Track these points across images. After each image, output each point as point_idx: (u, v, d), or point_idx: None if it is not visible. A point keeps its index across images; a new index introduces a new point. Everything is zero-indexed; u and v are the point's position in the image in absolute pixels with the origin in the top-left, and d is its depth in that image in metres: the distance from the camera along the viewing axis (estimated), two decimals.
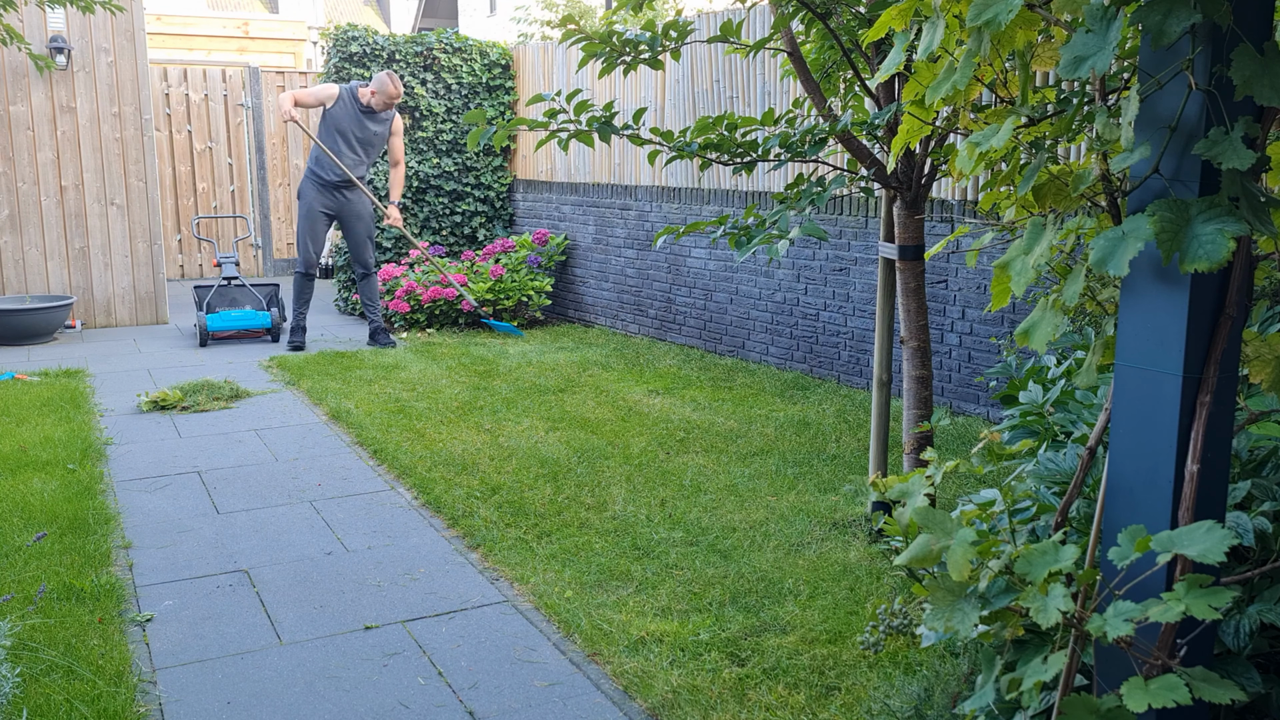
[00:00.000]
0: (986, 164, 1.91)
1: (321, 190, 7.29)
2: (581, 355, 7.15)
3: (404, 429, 5.26)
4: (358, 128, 7.25)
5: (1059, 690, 1.61)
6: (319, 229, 7.38)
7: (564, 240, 8.64)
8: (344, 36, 8.66)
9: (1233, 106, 1.49)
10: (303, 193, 7.36)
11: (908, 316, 3.60)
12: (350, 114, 7.22)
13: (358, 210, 7.38)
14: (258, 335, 7.94)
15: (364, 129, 7.27)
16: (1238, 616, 1.73)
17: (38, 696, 2.70)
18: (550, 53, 8.66)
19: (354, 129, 7.24)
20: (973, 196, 5.35)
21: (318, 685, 2.84)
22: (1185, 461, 1.56)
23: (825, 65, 3.69)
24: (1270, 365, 1.70)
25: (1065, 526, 1.88)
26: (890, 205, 3.73)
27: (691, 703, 2.70)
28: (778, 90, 6.45)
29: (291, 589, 3.46)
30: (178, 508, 4.22)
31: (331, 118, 7.25)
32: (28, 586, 3.39)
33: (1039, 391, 2.34)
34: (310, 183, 7.32)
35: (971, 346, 5.44)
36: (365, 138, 7.30)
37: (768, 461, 4.71)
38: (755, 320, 6.86)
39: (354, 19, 31.23)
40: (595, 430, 5.24)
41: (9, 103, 7.90)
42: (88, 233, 8.25)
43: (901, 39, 1.95)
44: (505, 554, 3.70)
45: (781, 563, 3.58)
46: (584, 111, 3.17)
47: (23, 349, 7.50)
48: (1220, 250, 1.41)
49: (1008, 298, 1.74)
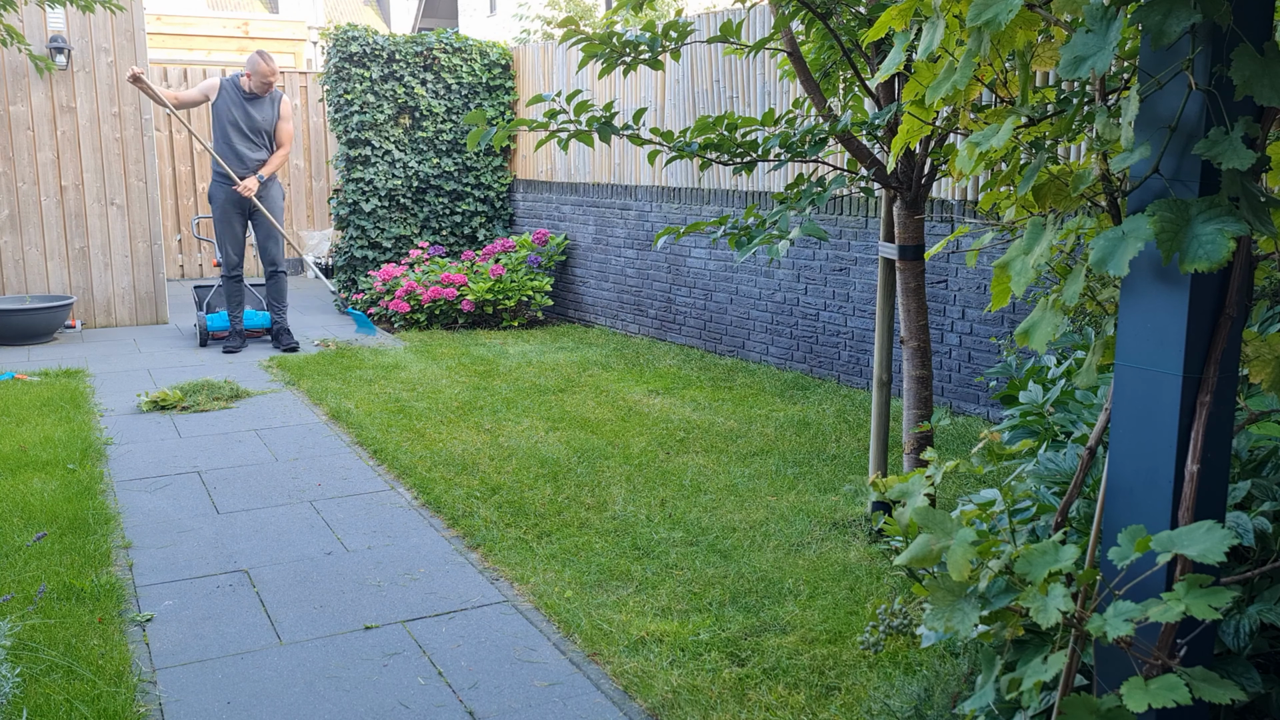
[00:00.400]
0: (986, 164, 1.91)
1: (229, 190, 7.19)
2: (581, 355, 7.15)
3: (404, 429, 5.26)
4: (244, 116, 7.13)
5: (1059, 690, 1.61)
6: (235, 228, 7.29)
7: (564, 240, 8.64)
8: (344, 36, 8.66)
9: (1233, 106, 1.49)
10: (213, 195, 7.25)
11: (908, 316, 3.61)
12: (235, 103, 7.11)
13: (264, 205, 7.26)
14: (258, 335, 7.94)
15: (250, 117, 7.14)
16: (1238, 616, 1.73)
17: (38, 696, 2.70)
18: (550, 53, 8.66)
19: (241, 118, 7.13)
20: (973, 196, 5.35)
21: (318, 685, 2.84)
22: (1185, 461, 1.56)
23: (825, 65, 3.69)
24: (1270, 365, 1.70)
25: (1065, 526, 1.88)
26: (890, 205, 3.73)
27: (691, 703, 2.70)
28: (778, 90, 6.45)
29: (291, 589, 3.46)
30: (178, 508, 4.22)
31: (218, 112, 7.16)
32: (28, 586, 3.39)
33: (1039, 391, 2.34)
34: (217, 184, 7.24)
35: (971, 346, 5.44)
36: (253, 125, 7.17)
37: (768, 461, 4.71)
38: (755, 320, 6.86)
39: (354, 19, 31.24)
40: (595, 430, 5.24)
41: (9, 103, 7.90)
42: (88, 233, 8.25)
43: (901, 39, 1.95)
44: (505, 554, 3.71)
45: (781, 563, 3.59)
46: (584, 112, 3.17)
47: (23, 349, 7.50)
48: (1220, 250, 1.41)
49: (1008, 298, 1.74)
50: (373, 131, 8.76)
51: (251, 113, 7.17)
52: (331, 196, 9.09)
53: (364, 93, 8.69)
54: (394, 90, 8.81)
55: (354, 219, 8.88)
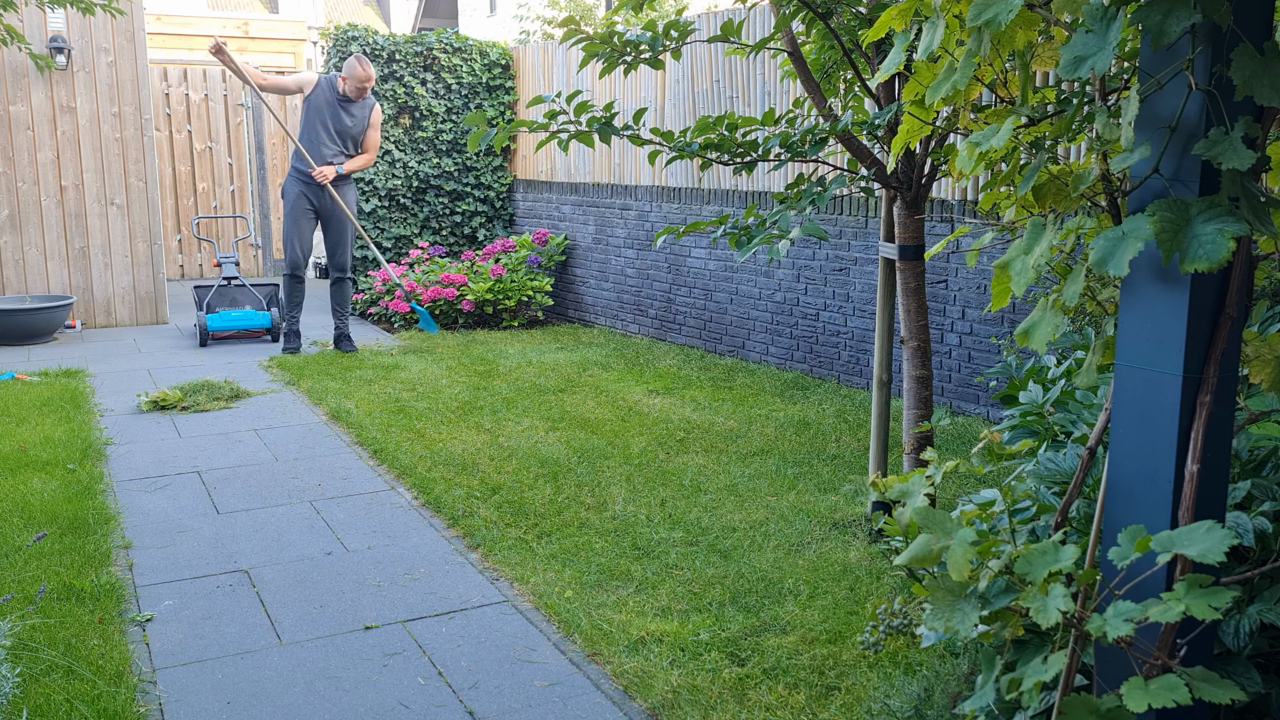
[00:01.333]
0: (986, 164, 1.91)
1: (305, 186, 7.07)
2: (581, 355, 7.15)
3: (404, 429, 5.26)
4: (335, 118, 7.01)
5: (1059, 690, 1.61)
6: (304, 227, 7.12)
7: (564, 240, 8.64)
8: (344, 36, 8.66)
9: (1233, 106, 1.49)
10: (286, 190, 7.13)
11: (908, 316, 3.61)
12: (328, 103, 7.00)
13: (340, 209, 7.14)
14: (258, 335, 7.94)
15: (340, 119, 7.02)
16: (1238, 616, 1.73)
17: (38, 696, 2.70)
18: (550, 53, 8.66)
19: (331, 119, 7.01)
20: (973, 196, 5.35)
21: (318, 685, 2.84)
22: (1185, 461, 1.56)
23: (825, 65, 3.70)
24: (1270, 365, 1.70)
25: (1065, 526, 1.88)
26: (890, 205, 3.73)
27: (691, 703, 2.70)
28: (778, 90, 6.45)
29: (291, 589, 3.46)
30: (178, 508, 4.22)
31: (311, 106, 7.04)
32: (28, 586, 3.39)
33: (1039, 391, 2.34)
34: (293, 179, 7.10)
35: (971, 346, 5.44)
36: (342, 128, 7.05)
37: (768, 461, 4.71)
38: (755, 320, 6.86)
39: (354, 19, 31.24)
40: (595, 430, 5.24)
41: (9, 103, 7.90)
42: (88, 233, 8.25)
43: (901, 39, 1.95)
44: (505, 554, 3.71)
45: (781, 563, 3.58)
46: (584, 112, 3.17)
47: (23, 349, 7.50)
48: (1220, 250, 1.41)
49: (1008, 298, 1.74)
50: None
51: (343, 115, 7.03)
52: None
53: None
54: (394, 90, 8.81)
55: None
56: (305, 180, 7.03)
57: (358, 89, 6.98)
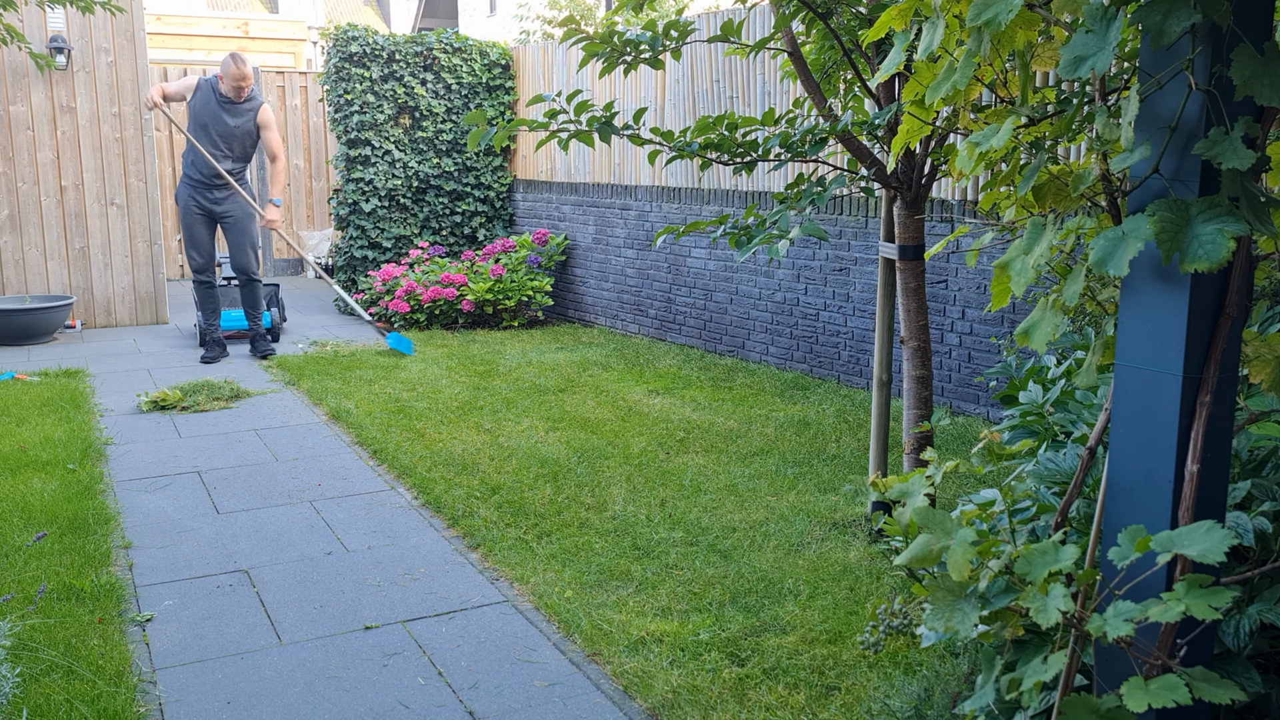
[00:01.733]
0: (986, 164, 1.91)
1: (194, 190, 6.85)
2: (581, 355, 7.15)
3: (404, 429, 5.26)
4: (216, 121, 6.78)
5: (1059, 690, 1.61)
6: (198, 232, 6.91)
7: (564, 240, 8.64)
8: (344, 36, 8.66)
9: (1233, 106, 1.49)
10: (178, 196, 6.92)
11: (908, 316, 3.61)
12: (208, 106, 6.79)
13: (232, 212, 6.93)
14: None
15: (222, 122, 6.79)
16: (1238, 616, 1.73)
17: (38, 696, 2.70)
18: (550, 53, 8.66)
19: (212, 122, 6.79)
20: (973, 196, 5.35)
21: (318, 685, 2.84)
22: (1185, 461, 1.56)
23: (825, 65, 3.69)
24: (1270, 365, 1.70)
25: (1065, 526, 1.88)
26: (890, 205, 3.73)
27: (691, 703, 2.70)
28: (778, 90, 6.45)
29: (291, 589, 3.46)
30: (178, 508, 4.22)
31: (192, 111, 6.82)
32: (28, 586, 3.39)
33: (1039, 391, 2.34)
34: (183, 183, 6.90)
35: (971, 346, 5.44)
36: (225, 131, 6.81)
37: (768, 461, 4.71)
38: (755, 320, 6.86)
39: (354, 19, 31.23)
40: (595, 430, 5.24)
41: (9, 103, 7.90)
42: (88, 233, 8.25)
43: (901, 39, 1.95)
44: (505, 554, 3.71)
45: (781, 563, 3.58)
46: (584, 112, 3.17)
47: (23, 349, 7.50)
48: (1220, 250, 1.41)
49: (1008, 298, 1.74)
50: (373, 131, 8.77)
51: (224, 117, 6.81)
52: (331, 196, 9.10)
53: (364, 93, 8.69)
54: (394, 90, 8.81)
55: (354, 219, 8.89)
56: (193, 184, 6.88)
57: (234, 88, 6.76)
